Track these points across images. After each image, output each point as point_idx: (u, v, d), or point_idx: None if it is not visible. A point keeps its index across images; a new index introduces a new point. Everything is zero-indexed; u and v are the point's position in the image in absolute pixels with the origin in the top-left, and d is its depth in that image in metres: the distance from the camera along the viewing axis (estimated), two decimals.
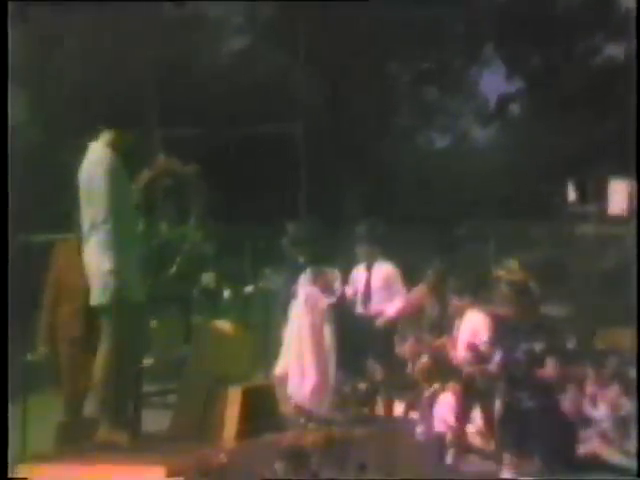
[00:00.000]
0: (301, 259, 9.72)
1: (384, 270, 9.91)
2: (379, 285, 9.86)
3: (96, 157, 7.56)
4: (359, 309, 9.80)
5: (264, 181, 21.50)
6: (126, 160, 7.60)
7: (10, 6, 8.64)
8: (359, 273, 10.01)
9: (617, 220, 15.86)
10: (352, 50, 24.76)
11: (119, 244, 7.46)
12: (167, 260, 8.36)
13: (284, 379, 7.90)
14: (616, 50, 27.69)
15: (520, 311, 6.89)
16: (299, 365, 7.77)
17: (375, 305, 9.87)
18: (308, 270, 8.18)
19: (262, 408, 7.87)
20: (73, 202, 7.62)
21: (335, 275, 8.18)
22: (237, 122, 19.96)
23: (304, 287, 8.03)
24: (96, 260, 7.45)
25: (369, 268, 9.95)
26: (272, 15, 25.67)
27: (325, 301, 7.90)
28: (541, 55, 28.39)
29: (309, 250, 9.90)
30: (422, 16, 25.14)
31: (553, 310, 14.81)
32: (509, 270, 9.32)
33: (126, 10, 22.41)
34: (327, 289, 7.99)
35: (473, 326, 9.24)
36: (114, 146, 7.58)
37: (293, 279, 9.05)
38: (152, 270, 8.12)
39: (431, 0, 25.02)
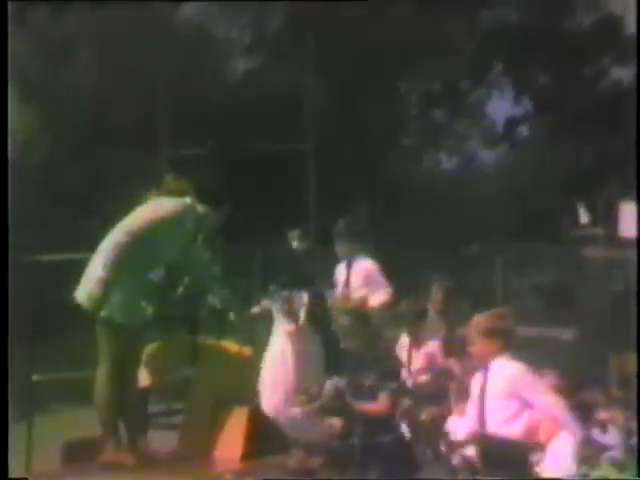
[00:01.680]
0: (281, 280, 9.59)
1: (363, 266, 9.68)
2: (359, 282, 9.66)
3: (172, 205, 7.91)
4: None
5: (272, 199, 21.50)
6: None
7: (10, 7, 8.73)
8: (340, 271, 9.85)
9: (627, 243, 15.76)
10: (361, 68, 24.83)
11: (126, 269, 7.52)
12: (174, 280, 8.33)
13: None
14: (624, 72, 27.75)
15: (359, 341, 6.66)
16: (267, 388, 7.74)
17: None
18: (277, 296, 8.12)
19: (268, 429, 7.82)
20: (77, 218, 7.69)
21: (302, 300, 8.06)
22: (246, 140, 19.97)
23: (275, 314, 8.02)
24: (95, 264, 7.65)
25: (349, 265, 9.80)
26: (281, 33, 25.77)
27: (288, 327, 7.85)
28: (549, 77, 28.44)
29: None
30: (431, 36, 25.20)
31: (561, 333, 14.77)
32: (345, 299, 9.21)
33: (135, 28, 22.51)
34: (292, 315, 7.92)
35: (427, 351, 9.18)
36: (193, 212, 7.95)
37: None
38: (159, 290, 8.09)
39: (441, 20, 25.09)
